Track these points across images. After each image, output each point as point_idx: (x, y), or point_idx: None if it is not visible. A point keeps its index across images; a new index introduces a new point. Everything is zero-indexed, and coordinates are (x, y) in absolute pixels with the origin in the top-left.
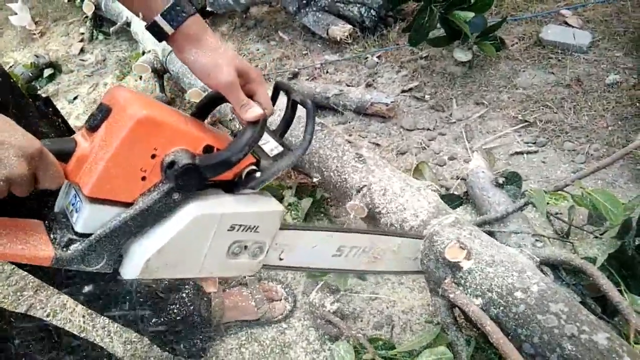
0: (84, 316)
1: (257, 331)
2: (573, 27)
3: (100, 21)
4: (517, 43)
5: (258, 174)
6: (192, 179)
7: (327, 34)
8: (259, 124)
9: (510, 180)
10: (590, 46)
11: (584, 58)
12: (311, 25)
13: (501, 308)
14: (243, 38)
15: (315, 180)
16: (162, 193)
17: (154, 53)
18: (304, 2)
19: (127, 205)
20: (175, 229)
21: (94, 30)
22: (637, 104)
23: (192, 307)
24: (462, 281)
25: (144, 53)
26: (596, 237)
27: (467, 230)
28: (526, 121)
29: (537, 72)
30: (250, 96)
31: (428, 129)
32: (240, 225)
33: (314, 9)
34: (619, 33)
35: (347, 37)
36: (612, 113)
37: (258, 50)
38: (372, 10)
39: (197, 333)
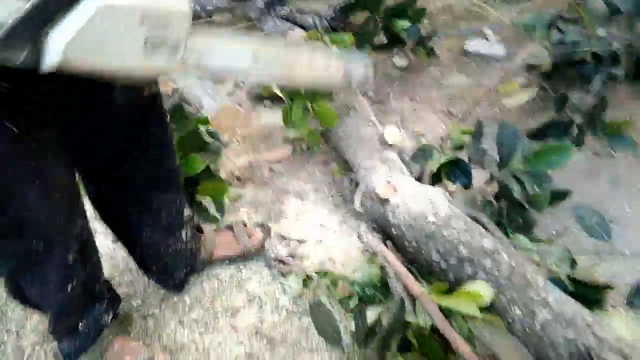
0: None
1: (216, 271)
2: (491, 41)
3: None
4: (446, 53)
5: None
6: None
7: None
8: None
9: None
10: (505, 56)
11: (499, 66)
12: (271, 31)
13: (418, 231)
14: None
15: None
16: None
17: None
18: (266, 10)
19: None
20: (83, 20)
21: None
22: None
23: (188, 242)
24: (393, 211)
25: None
26: None
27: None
28: (450, 112)
29: (460, 76)
30: None
31: None
32: (150, 19)
33: (275, 18)
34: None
35: None
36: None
37: None
38: (324, 20)
39: (184, 266)
